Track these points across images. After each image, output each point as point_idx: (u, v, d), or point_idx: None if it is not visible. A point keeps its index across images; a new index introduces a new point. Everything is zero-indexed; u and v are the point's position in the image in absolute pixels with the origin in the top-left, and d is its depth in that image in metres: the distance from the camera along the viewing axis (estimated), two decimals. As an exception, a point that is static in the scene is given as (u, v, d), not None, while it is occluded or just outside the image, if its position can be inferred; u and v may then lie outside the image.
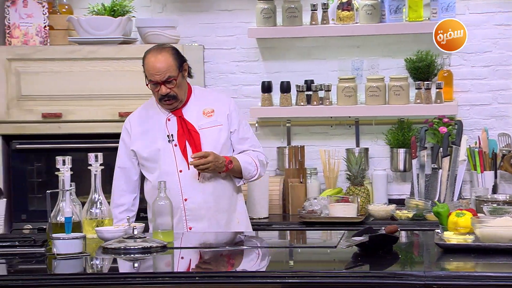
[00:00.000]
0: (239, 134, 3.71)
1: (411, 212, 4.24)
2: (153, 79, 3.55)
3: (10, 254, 3.00)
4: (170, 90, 3.55)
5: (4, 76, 4.38)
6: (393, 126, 4.61)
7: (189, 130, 3.61)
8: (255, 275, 2.73)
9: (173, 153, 3.61)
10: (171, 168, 3.58)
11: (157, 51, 3.57)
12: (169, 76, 3.54)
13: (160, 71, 3.53)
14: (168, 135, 3.62)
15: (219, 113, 3.68)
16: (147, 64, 3.57)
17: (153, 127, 3.65)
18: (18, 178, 4.41)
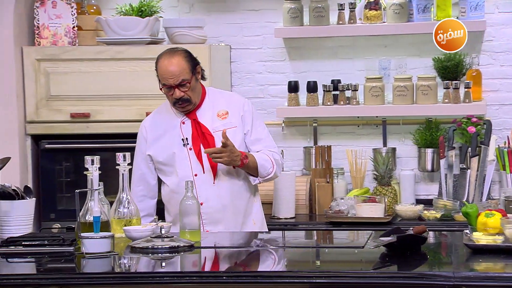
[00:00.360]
0: (252, 135, 3.66)
1: (439, 213, 4.21)
2: (167, 83, 3.52)
3: (40, 253, 3.03)
4: (184, 94, 3.53)
5: (34, 77, 4.42)
6: (421, 126, 4.59)
7: (204, 133, 3.59)
8: (282, 275, 2.73)
9: (188, 156, 3.59)
10: (187, 172, 3.55)
11: (170, 54, 3.55)
12: (183, 80, 3.51)
13: (173, 75, 3.50)
14: (182, 138, 3.60)
15: (233, 115, 3.65)
16: (160, 68, 3.54)
17: (168, 131, 3.63)
18: (47, 178, 4.45)
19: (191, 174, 3.56)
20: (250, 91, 4.75)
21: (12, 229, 3.24)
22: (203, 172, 3.57)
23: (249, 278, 2.70)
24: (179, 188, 3.50)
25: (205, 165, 3.57)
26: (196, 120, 3.61)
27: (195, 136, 3.59)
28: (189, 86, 3.53)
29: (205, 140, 3.58)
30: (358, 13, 4.54)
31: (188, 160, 3.58)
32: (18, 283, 2.72)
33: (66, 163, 4.45)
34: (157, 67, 3.56)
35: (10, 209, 3.25)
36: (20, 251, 3.06)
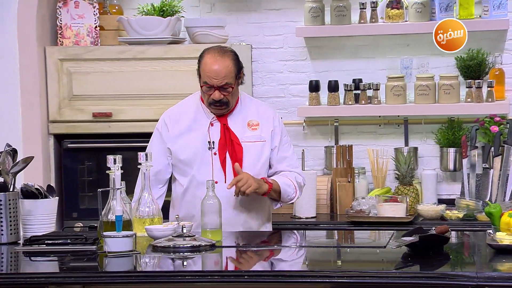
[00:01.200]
0: (278, 153, 3.52)
1: (462, 212, 4.18)
2: (210, 82, 3.36)
3: (62, 251, 3.05)
4: (223, 97, 3.38)
5: (56, 76, 4.45)
6: (443, 125, 4.56)
7: (232, 141, 3.43)
8: (304, 275, 2.73)
9: (211, 161, 3.44)
10: (207, 177, 3.36)
11: (219, 53, 3.39)
12: (227, 83, 3.36)
13: (218, 76, 3.36)
14: (209, 141, 3.45)
15: (264, 128, 3.50)
16: (205, 65, 3.38)
17: (194, 129, 3.46)
18: (70, 177, 4.48)
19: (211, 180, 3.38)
20: (271, 91, 4.75)
21: (35, 228, 3.26)
22: (225, 181, 3.42)
23: (271, 277, 2.70)
24: (195, 190, 3.42)
25: (228, 174, 3.44)
26: (226, 126, 3.46)
27: (222, 142, 3.44)
28: (231, 90, 3.39)
29: (233, 148, 3.43)
30: (379, 12, 4.53)
31: (211, 165, 3.44)
32: (41, 282, 2.74)
33: (88, 163, 4.48)
34: (202, 62, 3.40)
35: (33, 208, 3.27)
36: (43, 249, 3.08)
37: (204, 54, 3.42)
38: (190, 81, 4.38)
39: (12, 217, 3.24)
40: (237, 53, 3.48)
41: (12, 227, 3.24)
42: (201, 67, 3.41)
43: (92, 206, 4.33)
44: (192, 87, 4.36)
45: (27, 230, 3.27)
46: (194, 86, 4.35)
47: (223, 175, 3.45)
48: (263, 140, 3.51)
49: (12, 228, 3.24)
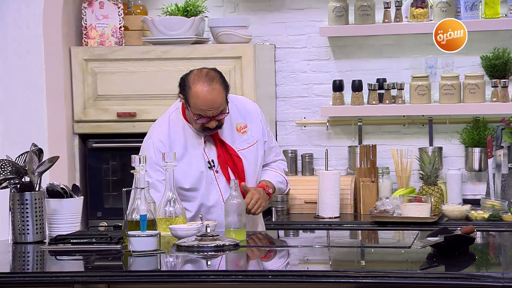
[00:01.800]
0: (267, 145, 3.49)
1: (487, 213, 4.15)
2: (205, 115, 3.19)
3: (88, 251, 3.07)
4: (218, 123, 3.26)
5: (81, 76, 4.48)
6: (468, 124, 4.53)
7: (231, 155, 3.33)
8: (328, 275, 2.72)
9: (215, 180, 3.34)
10: (216, 198, 3.33)
11: (208, 82, 3.19)
12: (222, 110, 3.22)
13: (213, 107, 3.19)
14: (208, 161, 3.33)
15: (252, 127, 3.41)
16: (196, 98, 3.17)
17: (189, 150, 3.32)
18: (94, 176, 4.50)
19: (221, 199, 3.36)
20: (294, 90, 4.75)
21: (61, 227, 3.29)
22: None
23: (295, 277, 2.70)
24: (205, 215, 3.32)
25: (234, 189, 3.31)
26: (221, 140, 3.34)
27: (222, 158, 3.33)
28: (226, 114, 3.26)
29: (233, 162, 3.34)
30: (404, 11, 4.51)
31: (216, 185, 3.35)
32: (67, 280, 2.76)
33: (113, 162, 4.50)
34: (191, 95, 3.18)
35: (59, 207, 3.30)
36: (69, 248, 3.10)
37: (191, 84, 3.22)
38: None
39: (38, 217, 3.26)
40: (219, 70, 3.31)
41: (38, 226, 3.26)
42: (191, 100, 3.21)
43: (117, 205, 4.35)
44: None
45: (52, 229, 3.30)
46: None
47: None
48: (255, 142, 3.43)
49: (38, 227, 3.26)
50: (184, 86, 3.27)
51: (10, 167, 3.28)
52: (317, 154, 4.70)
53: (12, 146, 4.12)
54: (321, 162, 4.62)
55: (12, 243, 3.26)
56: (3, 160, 3.28)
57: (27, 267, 3.05)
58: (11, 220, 3.27)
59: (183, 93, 3.28)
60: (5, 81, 4.51)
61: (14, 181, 3.28)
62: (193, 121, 3.29)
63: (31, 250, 3.17)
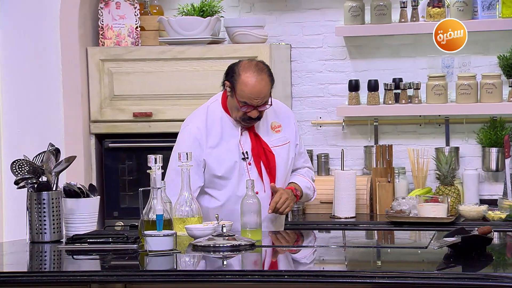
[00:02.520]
0: (298, 148, 3.54)
1: (504, 213, 4.13)
2: (250, 103, 3.27)
3: (104, 250, 3.08)
4: (259, 114, 3.33)
5: (98, 77, 4.50)
6: (485, 124, 4.51)
7: (264, 149, 3.38)
8: (344, 275, 2.71)
9: (247, 172, 3.38)
10: (244, 190, 3.26)
11: (257, 72, 3.28)
12: (265, 101, 3.32)
13: (259, 97, 3.28)
14: (243, 152, 3.38)
15: (286, 128, 3.48)
16: (245, 85, 3.26)
17: (225, 140, 3.38)
18: (111, 176, 4.52)
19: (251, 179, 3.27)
20: (310, 90, 4.74)
21: (78, 226, 3.30)
22: (264, 191, 3.41)
23: (311, 277, 2.70)
24: (233, 205, 3.37)
25: (265, 184, 3.41)
26: (256, 134, 3.40)
27: (255, 151, 3.38)
28: (268, 107, 3.34)
29: (266, 157, 3.39)
30: (420, 10, 4.49)
31: (248, 177, 3.37)
32: (84, 280, 2.77)
33: (129, 162, 4.52)
34: (240, 82, 3.27)
35: (76, 207, 3.31)
36: (85, 248, 3.12)
37: (241, 72, 3.30)
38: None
39: (55, 216, 3.28)
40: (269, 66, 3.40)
41: (55, 225, 3.28)
42: (239, 86, 3.29)
43: (133, 205, 4.37)
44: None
45: (69, 228, 3.31)
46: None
47: (262, 186, 3.42)
48: (288, 142, 3.49)
49: (55, 227, 3.28)
50: (232, 74, 3.32)
51: (27, 167, 3.30)
52: (333, 154, 4.69)
53: (29, 146, 4.14)
54: (337, 162, 4.62)
55: (30, 243, 3.28)
56: (21, 160, 3.30)
57: (44, 267, 3.06)
58: (29, 220, 3.29)
59: (230, 81, 3.33)
60: (22, 82, 4.54)
61: (31, 181, 3.30)
62: (235, 110, 3.35)
63: (48, 250, 3.19)
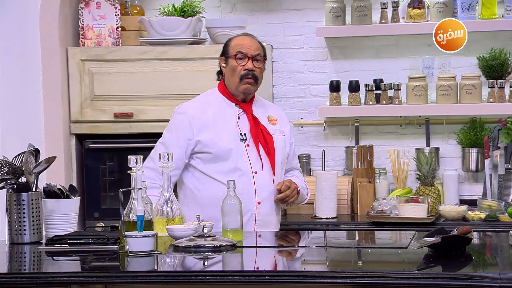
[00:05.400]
0: (292, 148, 3.67)
1: (484, 213, 4.15)
2: (243, 50, 3.46)
3: (84, 251, 3.07)
4: (256, 69, 3.46)
5: (78, 77, 4.48)
6: (465, 125, 4.54)
7: (262, 131, 3.50)
8: (325, 275, 2.72)
9: (246, 153, 3.47)
10: (246, 168, 3.45)
11: (246, 34, 3.57)
12: (259, 54, 3.48)
13: (252, 46, 3.48)
14: (241, 133, 3.49)
15: (282, 123, 3.61)
16: (237, 40, 3.52)
17: (219, 123, 3.48)
18: (91, 177, 4.50)
19: (250, 171, 3.46)
20: (291, 91, 4.75)
21: (58, 227, 3.28)
22: (262, 169, 3.48)
23: (292, 277, 2.70)
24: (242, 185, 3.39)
25: (264, 162, 3.49)
26: (255, 117, 3.52)
27: (253, 133, 3.49)
28: (262, 65, 3.50)
29: (264, 138, 3.49)
30: (401, 11, 4.51)
31: (247, 157, 3.46)
32: (64, 281, 2.75)
33: (110, 163, 4.50)
34: (232, 42, 3.51)
35: (56, 208, 3.29)
36: (65, 249, 3.10)
37: (232, 38, 3.55)
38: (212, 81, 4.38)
39: (35, 217, 3.26)
40: None
41: (35, 226, 3.26)
42: (231, 45, 3.51)
43: (114, 206, 4.35)
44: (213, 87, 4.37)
45: (49, 229, 3.29)
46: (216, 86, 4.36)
47: (260, 165, 3.48)
48: (283, 135, 3.59)
49: (35, 228, 3.26)
50: (224, 46, 3.55)
51: (6, 167, 3.28)
52: (314, 155, 4.70)
53: (9, 146, 4.12)
54: (318, 162, 4.63)
55: (9, 244, 3.25)
56: (0, 161, 3.28)
57: (24, 268, 3.05)
58: (8, 221, 3.26)
59: (224, 51, 3.53)
60: (2, 82, 4.51)
61: (11, 182, 3.27)
62: (232, 75, 3.48)
63: (28, 251, 3.17)
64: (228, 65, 3.51)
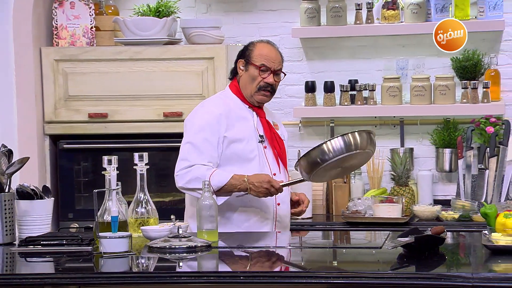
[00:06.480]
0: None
1: (457, 213, 4.19)
2: (269, 65, 3.46)
3: (58, 252, 3.05)
4: (275, 82, 3.49)
5: (52, 77, 4.45)
6: (439, 126, 4.57)
7: (275, 135, 3.55)
8: (300, 275, 2.73)
9: (264, 154, 3.51)
10: (266, 170, 3.47)
11: (270, 43, 3.54)
12: (280, 69, 3.51)
13: (276, 60, 3.49)
14: (260, 135, 3.51)
15: (282, 129, 3.67)
16: (262, 49, 3.49)
17: (242, 122, 3.49)
18: (65, 178, 4.47)
19: (270, 172, 3.48)
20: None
21: (31, 228, 3.26)
22: (279, 172, 3.52)
23: (267, 278, 2.70)
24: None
25: (281, 166, 3.54)
26: (267, 120, 3.56)
27: (269, 135, 3.53)
28: (280, 79, 3.53)
29: (277, 141, 3.55)
30: (375, 13, 4.53)
31: (265, 158, 3.51)
32: (37, 283, 2.74)
33: (84, 163, 4.47)
34: (256, 49, 3.49)
35: (29, 209, 3.27)
36: (39, 250, 3.08)
37: (256, 43, 3.53)
38: (187, 82, 4.39)
39: (8, 218, 3.23)
40: None
41: (8, 228, 3.23)
42: (256, 52, 3.49)
43: (88, 207, 4.32)
44: (188, 88, 4.38)
45: (22, 231, 3.27)
46: (191, 86, 4.36)
47: (277, 168, 3.53)
48: (285, 139, 3.66)
49: (8, 229, 3.23)
50: (246, 48, 3.53)
51: (-21, 168, 3.25)
52: (290, 155, 4.67)
53: (-19, 147, 4.07)
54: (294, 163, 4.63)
55: (-18, 245, 3.23)
56: (-28, 161, 3.25)
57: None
58: (-19, 222, 3.23)
59: (245, 55, 3.51)
60: (-26, 82, 4.47)
61: (-17, 183, 3.24)
62: (251, 83, 3.48)
63: (0, 252, 3.14)
64: (248, 72, 3.50)
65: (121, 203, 3.13)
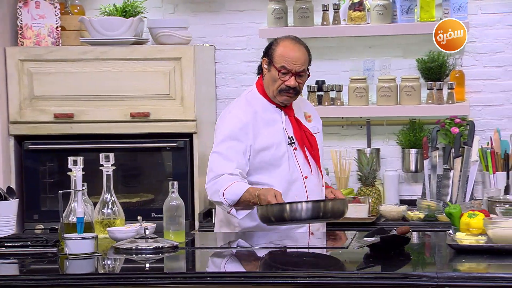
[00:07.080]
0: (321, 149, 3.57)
1: (423, 213, 4.23)
2: (289, 67, 3.29)
3: (23, 254, 3.01)
4: (297, 84, 3.32)
5: (17, 77, 4.40)
6: (405, 126, 4.61)
7: (305, 133, 3.39)
8: (266, 275, 2.73)
9: (294, 157, 3.38)
10: (296, 174, 3.36)
11: (295, 41, 3.35)
12: (304, 69, 3.32)
13: (298, 61, 3.30)
14: (289, 137, 3.37)
15: (316, 120, 3.52)
16: (284, 49, 3.31)
17: (268, 126, 3.36)
18: (31, 178, 4.42)
19: (301, 176, 3.37)
20: (234, 92, 4.75)
21: (-5, 230, 3.22)
22: (311, 174, 3.40)
23: (233, 278, 2.71)
24: (287, 191, 3.32)
25: (312, 167, 3.40)
26: (297, 118, 3.41)
27: (299, 136, 3.38)
28: (305, 78, 3.35)
29: (308, 140, 3.40)
30: (342, 14, 4.56)
31: (295, 161, 3.38)
32: (1, 284, 2.71)
33: (50, 164, 4.43)
34: (278, 48, 3.32)
35: (-7, 210, 3.23)
36: (3, 252, 3.04)
37: (279, 42, 3.36)
38: (154, 82, 4.37)
39: (-29, 220, 3.19)
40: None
41: (-29, 229, 3.19)
42: (277, 53, 3.33)
43: (54, 208, 4.28)
44: (155, 88, 4.36)
45: (-14, 232, 3.23)
46: (158, 87, 4.35)
47: (309, 169, 3.40)
48: (318, 132, 3.51)
49: (-29, 231, 3.19)
50: (270, 47, 3.37)
51: None
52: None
53: None
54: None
55: None
56: None
57: (-41, 272, 2.98)
58: None
59: (268, 54, 3.36)
60: None
61: None
62: (272, 83, 3.33)
63: (-36, 254, 3.10)
64: (270, 72, 3.35)
65: (87, 204, 3.11)
